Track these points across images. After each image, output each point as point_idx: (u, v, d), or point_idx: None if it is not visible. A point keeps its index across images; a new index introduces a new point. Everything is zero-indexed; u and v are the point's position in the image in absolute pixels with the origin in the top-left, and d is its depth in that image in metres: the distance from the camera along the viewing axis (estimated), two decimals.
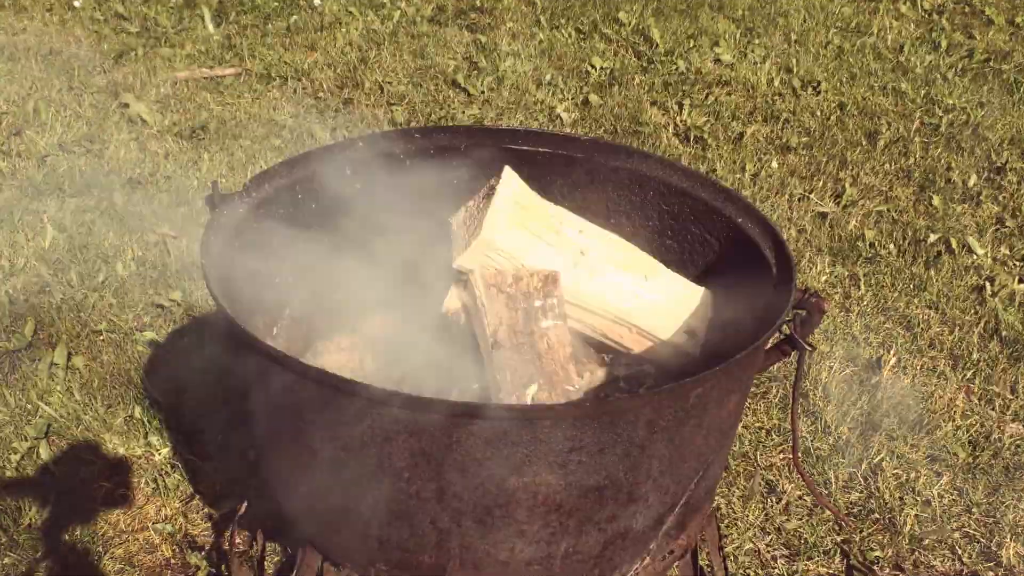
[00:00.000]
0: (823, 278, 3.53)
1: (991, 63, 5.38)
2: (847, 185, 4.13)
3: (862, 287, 3.49)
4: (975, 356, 3.17)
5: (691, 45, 5.48)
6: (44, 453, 2.66)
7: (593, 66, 5.17)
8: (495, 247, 1.95)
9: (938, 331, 3.29)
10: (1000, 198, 4.11)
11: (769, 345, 1.93)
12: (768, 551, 2.51)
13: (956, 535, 2.57)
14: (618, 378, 2.04)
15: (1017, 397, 3.02)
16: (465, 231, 2.00)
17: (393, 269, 2.19)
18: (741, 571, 2.47)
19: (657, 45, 5.44)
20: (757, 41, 5.58)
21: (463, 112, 4.67)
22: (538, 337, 1.89)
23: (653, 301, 2.02)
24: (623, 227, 2.27)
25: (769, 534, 2.56)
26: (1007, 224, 3.92)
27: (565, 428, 1.56)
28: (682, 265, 2.20)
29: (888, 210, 3.99)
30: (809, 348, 1.87)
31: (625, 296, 2.01)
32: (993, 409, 2.97)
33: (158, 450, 2.69)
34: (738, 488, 2.67)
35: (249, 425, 1.95)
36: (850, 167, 4.30)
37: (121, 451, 2.68)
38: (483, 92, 4.86)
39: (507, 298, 1.92)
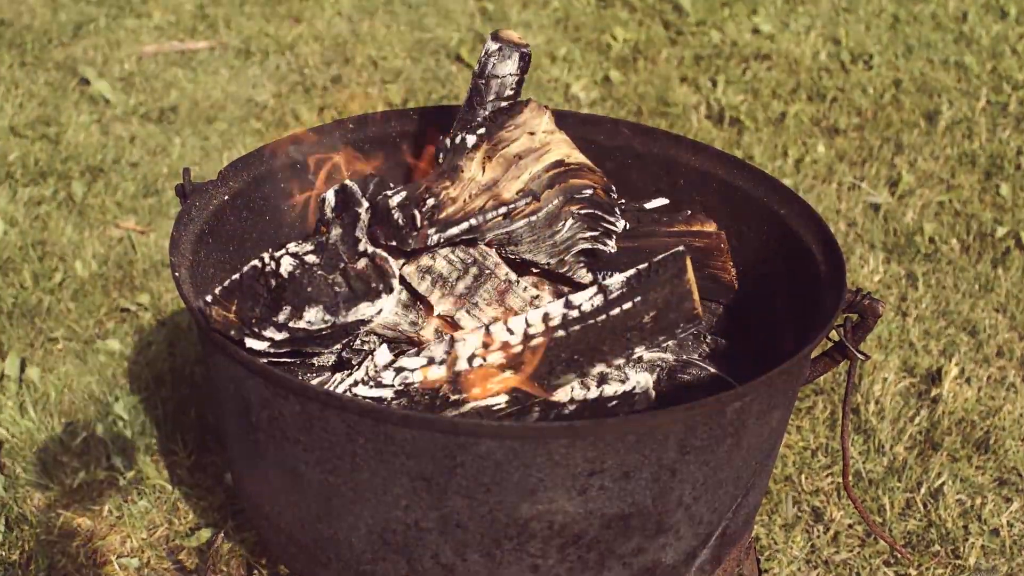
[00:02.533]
0: (876, 277, 3.52)
1: None
2: (903, 172, 4.11)
3: (920, 287, 3.48)
4: None
5: (726, 13, 5.47)
6: None
7: (614, 38, 5.17)
8: None
9: (1007, 337, 3.28)
10: None
11: (816, 354, 1.92)
12: None
13: None
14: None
15: None
16: None
17: None
18: None
19: (687, 13, 5.44)
20: (801, 8, 5.57)
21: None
22: None
23: None
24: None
25: (815, 568, 2.55)
26: None
27: (584, 449, 1.55)
28: None
29: (950, 200, 3.98)
30: (861, 357, 1.87)
31: None
32: None
33: (123, 473, 2.69)
34: (780, 516, 2.66)
35: (226, 444, 1.95)
36: (906, 152, 4.29)
37: (81, 475, 2.68)
38: None
39: None
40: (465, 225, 1.82)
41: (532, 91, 4.65)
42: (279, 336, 1.71)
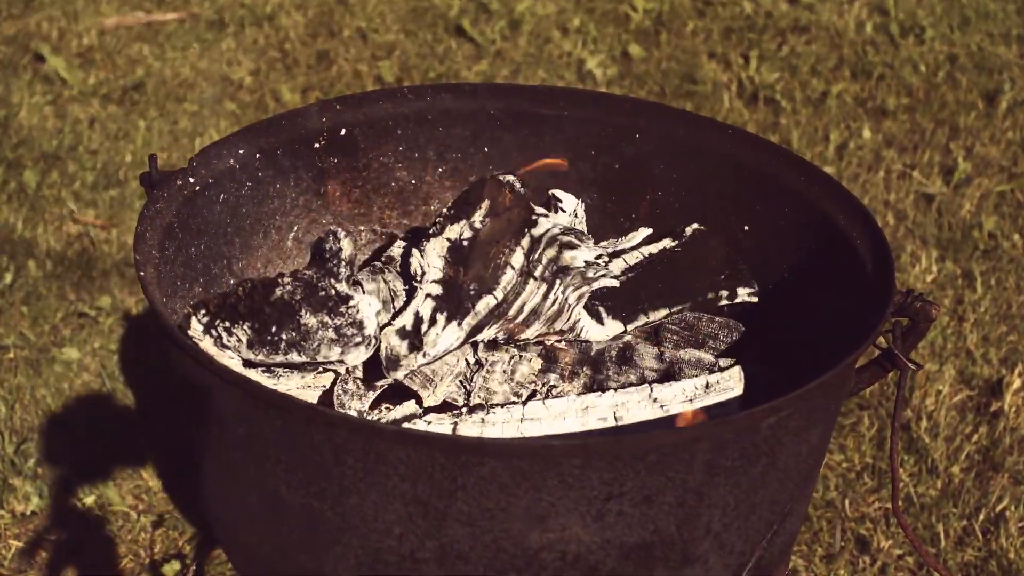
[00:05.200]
0: (929, 277, 3.52)
1: None
2: (959, 159, 4.12)
3: (979, 288, 3.48)
4: None
5: None
6: None
7: (634, 8, 5.17)
8: None
9: None
10: None
11: (861, 363, 1.92)
12: None
13: None
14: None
15: None
16: None
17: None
18: None
19: None
20: None
21: (469, 68, 4.67)
22: None
23: None
24: (676, 214, 2.27)
25: None
26: None
27: (601, 470, 1.55)
28: (749, 260, 2.20)
29: (1012, 190, 3.98)
30: (912, 366, 1.86)
31: None
32: None
33: (81, 498, 2.69)
34: (820, 545, 2.66)
35: (198, 465, 1.95)
36: (963, 136, 4.29)
37: (35, 500, 2.68)
38: (494, 42, 4.86)
39: None
40: (462, 333, 1.87)
41: (542, 68, 4.65)
42: (248, 355, 1.75)
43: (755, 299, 2.12)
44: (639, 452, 1.57)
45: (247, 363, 1.80)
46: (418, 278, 1.90)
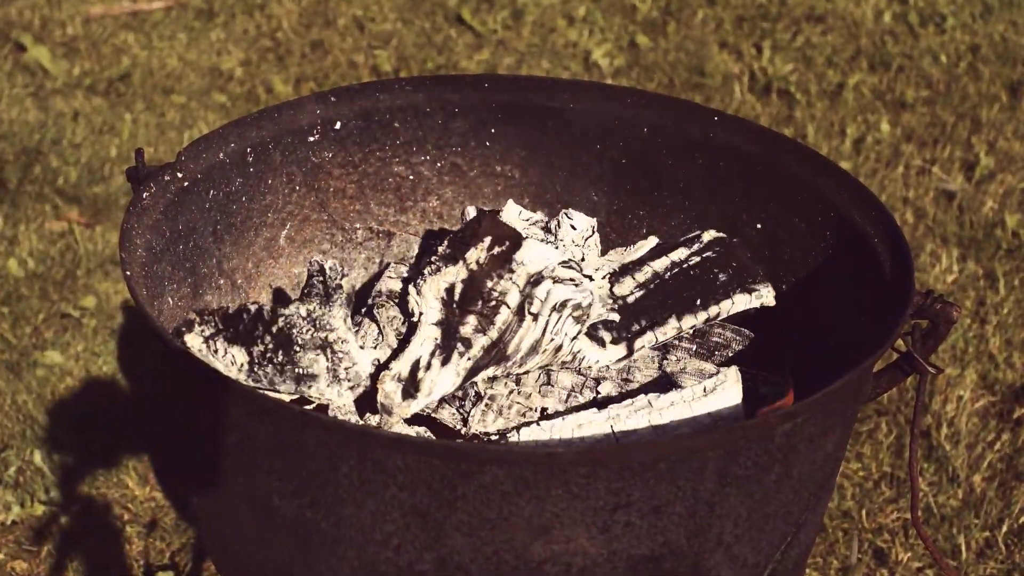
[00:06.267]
0: (950, 278, 3.52)
1: None
2: (981, 154, 4.11)
3: (1002, 290, 3.47)
4: None
5: None
6: None
7: None
8: None
9: None
10: None
11: (879, 367, 1.92)
12: None
13: None
14: None
15: None
16: None
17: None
18: None
19: None
20: None
21: (469, 58, 4.67)
22: None
23: None
24: (685, 211, 2.27)
25: None
26: None
27: (607, 479, 1.55)
28: (763, 259, 2.20)
29: None
30: (932, 370, 1.86)
31: None
32: None
33: (65, 508, 2.69)
34: (836, 558, 2.66)
35: (187, 473, 1.95)
36: (985, 130, 4.29)
37: (16, 510, 2.68)
38: (496, 31, 4.86)
39: None
40: (458, 378, 1.89)
41: (546, 59, 4.65)
42: (239, 376, 1.78)
43: (772, 303, 2.12)
44: (648, 460, 1.56)
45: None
46: (415, 318, 1.92)
